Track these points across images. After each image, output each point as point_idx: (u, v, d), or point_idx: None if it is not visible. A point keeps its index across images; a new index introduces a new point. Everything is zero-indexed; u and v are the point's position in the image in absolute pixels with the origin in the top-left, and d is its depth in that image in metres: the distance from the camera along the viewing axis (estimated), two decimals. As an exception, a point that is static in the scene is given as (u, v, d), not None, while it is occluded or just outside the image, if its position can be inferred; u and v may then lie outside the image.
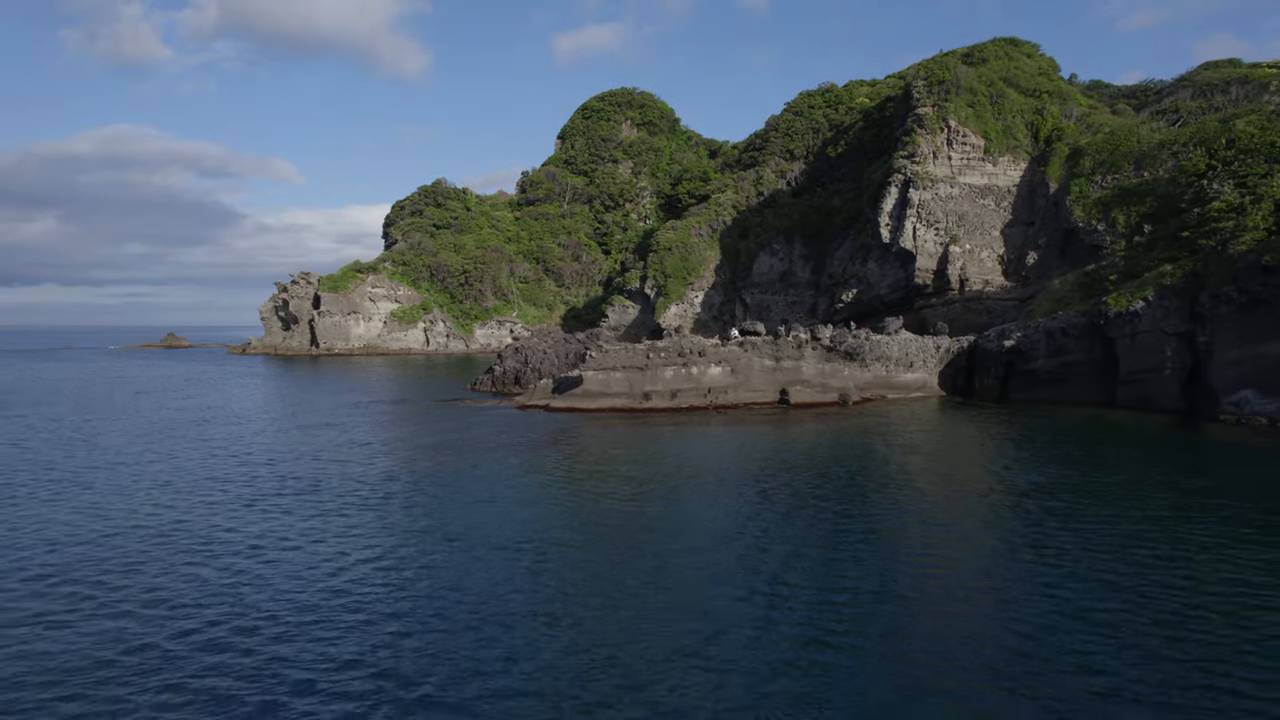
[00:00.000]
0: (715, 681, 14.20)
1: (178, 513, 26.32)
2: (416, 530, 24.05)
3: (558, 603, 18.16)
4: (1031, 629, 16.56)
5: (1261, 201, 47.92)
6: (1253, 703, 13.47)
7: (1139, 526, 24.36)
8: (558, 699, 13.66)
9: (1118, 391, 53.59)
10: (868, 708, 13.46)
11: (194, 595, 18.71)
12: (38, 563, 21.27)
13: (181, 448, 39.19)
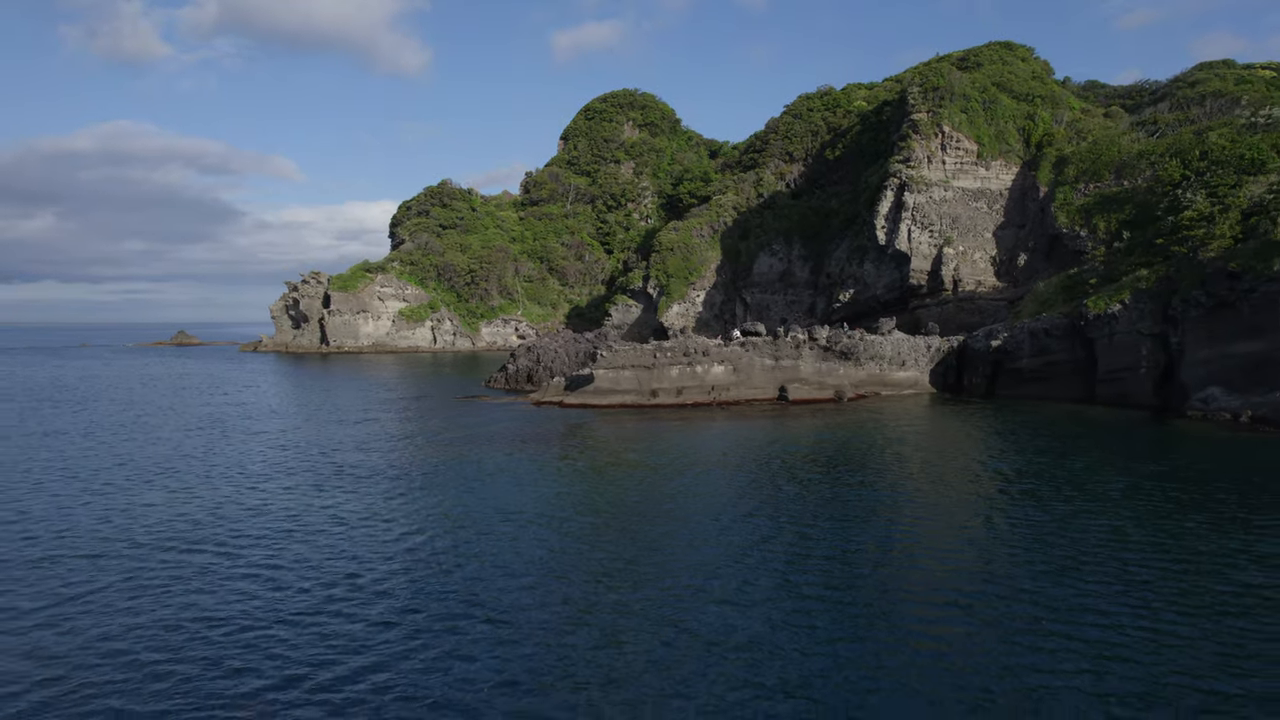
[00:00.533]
0: (738, 615, 17.55)
1: (259, 495, 29.68)
2: (470, 508, 27.45)
3: (605, 562, 21.53)
4: (997, 576, 19.95)
5: (1229, 211, 51.32)
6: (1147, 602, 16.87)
7: (1091, 503, 27.81)
8: (616, 623, 17.01)
9: (1097, 389, 57.03)
10: (866, 648, 16.82)
11: (316, 559, 22.07)
12: (168, 536, 24.61)
13: (239, 440, 42.55)
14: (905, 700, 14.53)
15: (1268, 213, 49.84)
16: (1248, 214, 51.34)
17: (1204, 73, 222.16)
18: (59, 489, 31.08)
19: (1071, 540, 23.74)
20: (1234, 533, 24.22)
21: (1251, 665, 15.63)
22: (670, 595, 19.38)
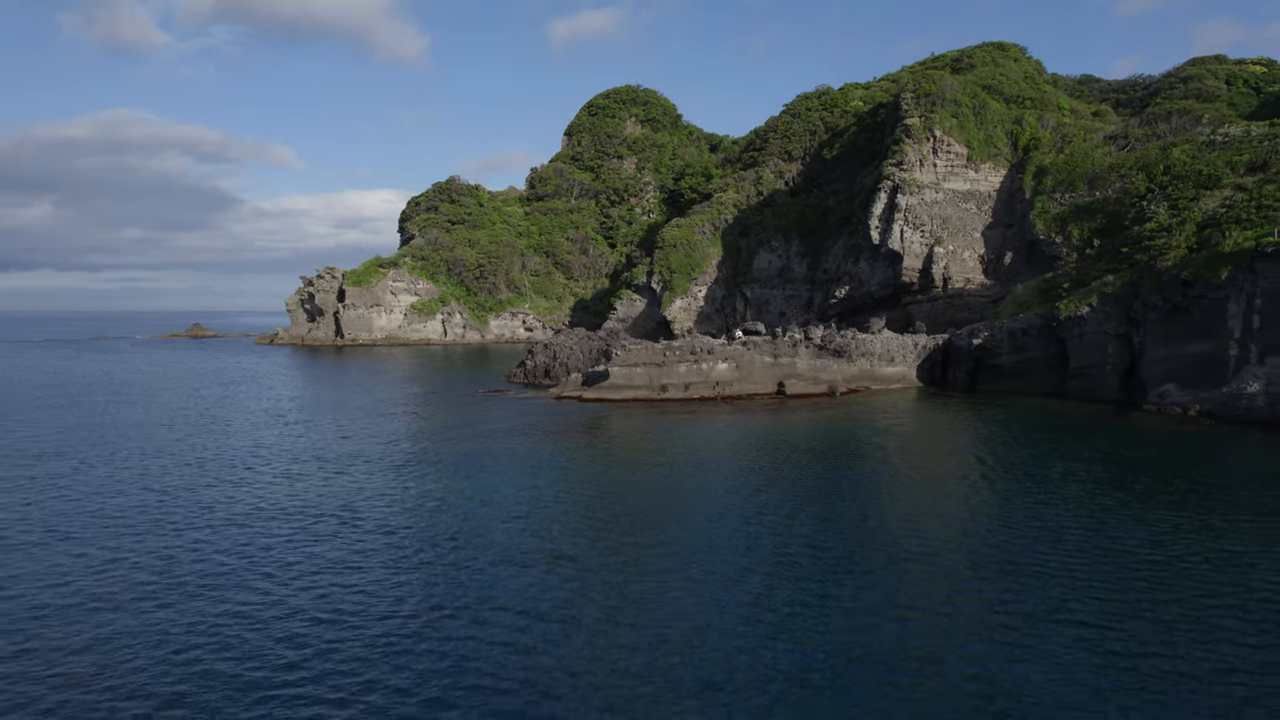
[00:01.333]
0: (746, 561, 22.92)
1: (351, 480, 34.99)
2: (525, 488, 32.89)
3: (640, 528, 26.95)
4: (947, 536, 25.36)
5: (1185, 224, 56.62)
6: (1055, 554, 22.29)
7: (1034, 485, 33.30)
8: (660, 567, 22.39)
9: (1068, 384, 62.48)
10: (842, 585, 22.22)
11: (418, 531, 27.43)
12: (321, 514, 29.94)
13: (308, 432, 47.80)
14: (866, 617, 19.93)
15: (1219, 225, 55.15)
16: (1202, 226, 56.65)
17: (1196, 68, 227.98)
18: (195, 478, 36.37)
19: (1012, 510, 29.19)
20: (1134, 509, 29.66)
21: (1101, 590, 21.07)
22: (694, 550, 24.77)
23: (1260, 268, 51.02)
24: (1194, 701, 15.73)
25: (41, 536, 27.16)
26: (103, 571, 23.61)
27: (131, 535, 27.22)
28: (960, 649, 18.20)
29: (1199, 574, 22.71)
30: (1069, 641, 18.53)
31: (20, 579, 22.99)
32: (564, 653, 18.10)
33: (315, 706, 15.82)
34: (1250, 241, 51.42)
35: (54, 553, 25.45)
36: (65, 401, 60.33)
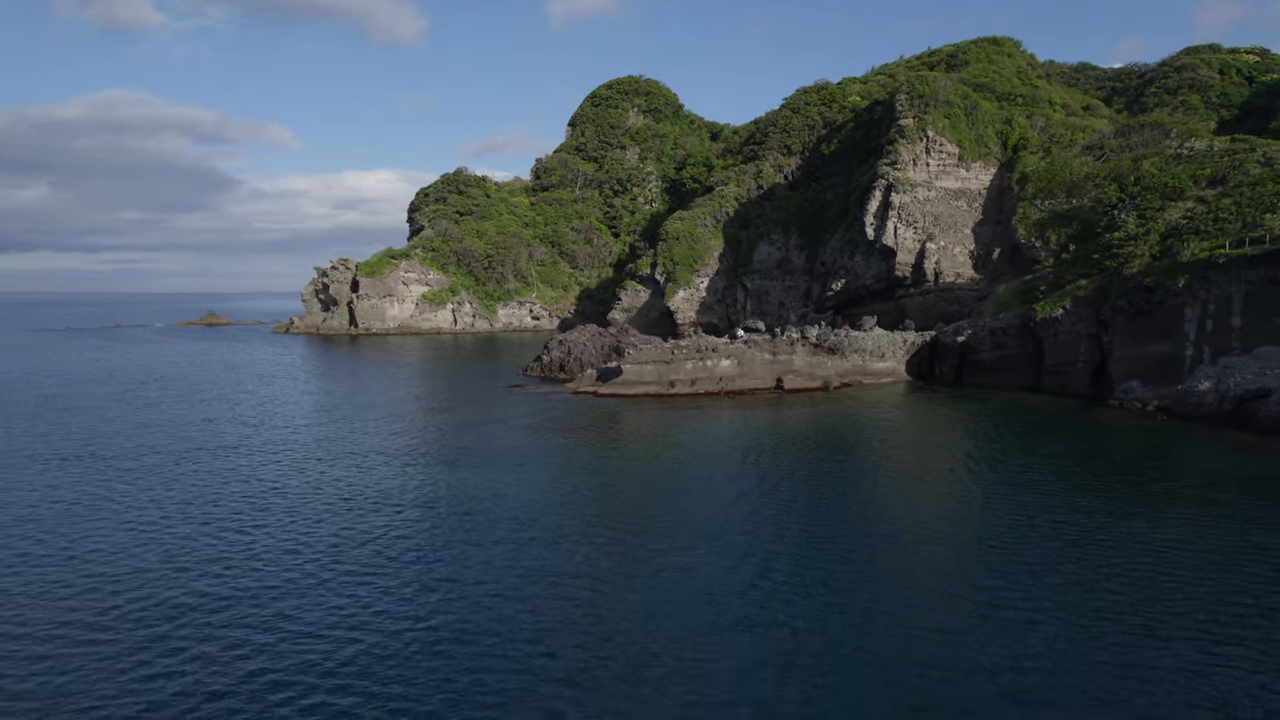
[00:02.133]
0: (747, 538, 28.33)
1: (417, 472, 40.42)
2: (569, 475, 38.41)
3: (658, 511, 32.43)
4: (915, 515, 30.85)
5: (1150, 235, 61.85)
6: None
7: (992, 473, 38.81)
8: (693, 537, 27.85)
9: (1043, 379, 67.93)
10: (826, 553, 27.68)
11: (499, 515, 32.88)
12: (400, 501, 35.37)
13: (357, 426, 53.06)
14: (842, 581, 25.39)
15: (1180, 235, 60.38)
16: (1165, 235, 61.87)
17: (1190, 57, 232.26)
18: (275, 470, 41.85)
19: (977, 492, 34.71)
20: (1081, 495, 35.17)
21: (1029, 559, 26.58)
22: (707, 526, 30.28)
23: (1213, 276, 56.34)
24: (1113, 648, 21.21)
25: (250, 516, 32.59)
26: (295, 553, 29.06)
27: (313, 519, 32.65)
28: (915, 605, 23.69)
29: (1121, 551, 28.20)
30: (1014, 599, 24.07)
31: (248, 547, 28.41)
32: (636, 598, 23.56)
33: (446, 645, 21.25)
34: (1205, 252, 56.67)
35: (286, 530, 30.91)
36: (139, 400, 65.30)
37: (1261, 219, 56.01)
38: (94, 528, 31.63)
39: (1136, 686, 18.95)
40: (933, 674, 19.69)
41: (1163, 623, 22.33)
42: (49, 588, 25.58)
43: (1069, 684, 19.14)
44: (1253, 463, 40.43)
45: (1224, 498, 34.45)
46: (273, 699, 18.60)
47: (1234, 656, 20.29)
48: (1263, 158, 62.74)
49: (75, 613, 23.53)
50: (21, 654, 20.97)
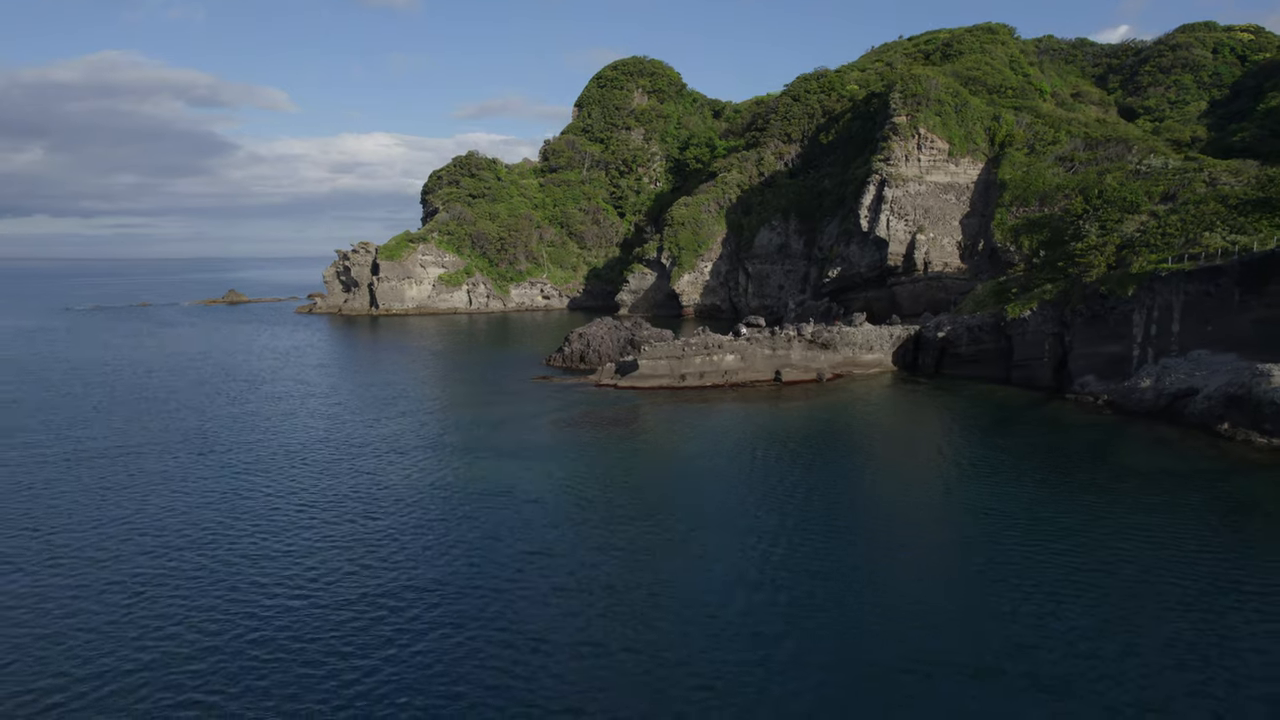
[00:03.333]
0: (755, 509, 36.86)
1: (490, 464, 48.90)
2: (612, 467, 46.88)
3: (678, 491, 40.97)
4: (877, 489, 39.38)
5: (1107, 246, 69.77)
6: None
7: (943, 459, 47.38)
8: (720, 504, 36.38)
9: (1013, 373, 76.26)
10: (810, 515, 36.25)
11: (567, 502, 41.36)
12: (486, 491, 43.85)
13: (422, 422, 60.88)
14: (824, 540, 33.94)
15: (1133, 247, 68.33)
16: (1121, 247, 69.80)
17: (1185, 35, 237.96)
18: (384, 464, 50.32)
19: (934, 481, 43.33)
20: (1015, 485, 43.72)
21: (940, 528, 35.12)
22: (725, 506, 38.84)
23: (1157, 287, 64.44)
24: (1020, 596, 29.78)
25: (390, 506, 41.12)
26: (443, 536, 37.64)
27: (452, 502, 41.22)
28: (884, 562, 32.30)
29: (1032, 532, 36.81)
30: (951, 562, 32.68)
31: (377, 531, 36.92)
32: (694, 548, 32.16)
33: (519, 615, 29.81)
34: (1152, 265, 64.70)
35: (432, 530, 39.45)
36: (222, 394, 72.85)
37: (1201, 236, 63.91)
38: (256, 513, 40.20)
39: (1009, 618, 27.61)
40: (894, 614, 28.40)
41: (1046, 588, 30.98)
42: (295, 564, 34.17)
43: (950, 611, 27.83)
44: (1163, 458, 48.98)
45: (1126, 487, 43.11)
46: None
47: (1095, 602, 28.96)
48: (1208, 178, 70.35)
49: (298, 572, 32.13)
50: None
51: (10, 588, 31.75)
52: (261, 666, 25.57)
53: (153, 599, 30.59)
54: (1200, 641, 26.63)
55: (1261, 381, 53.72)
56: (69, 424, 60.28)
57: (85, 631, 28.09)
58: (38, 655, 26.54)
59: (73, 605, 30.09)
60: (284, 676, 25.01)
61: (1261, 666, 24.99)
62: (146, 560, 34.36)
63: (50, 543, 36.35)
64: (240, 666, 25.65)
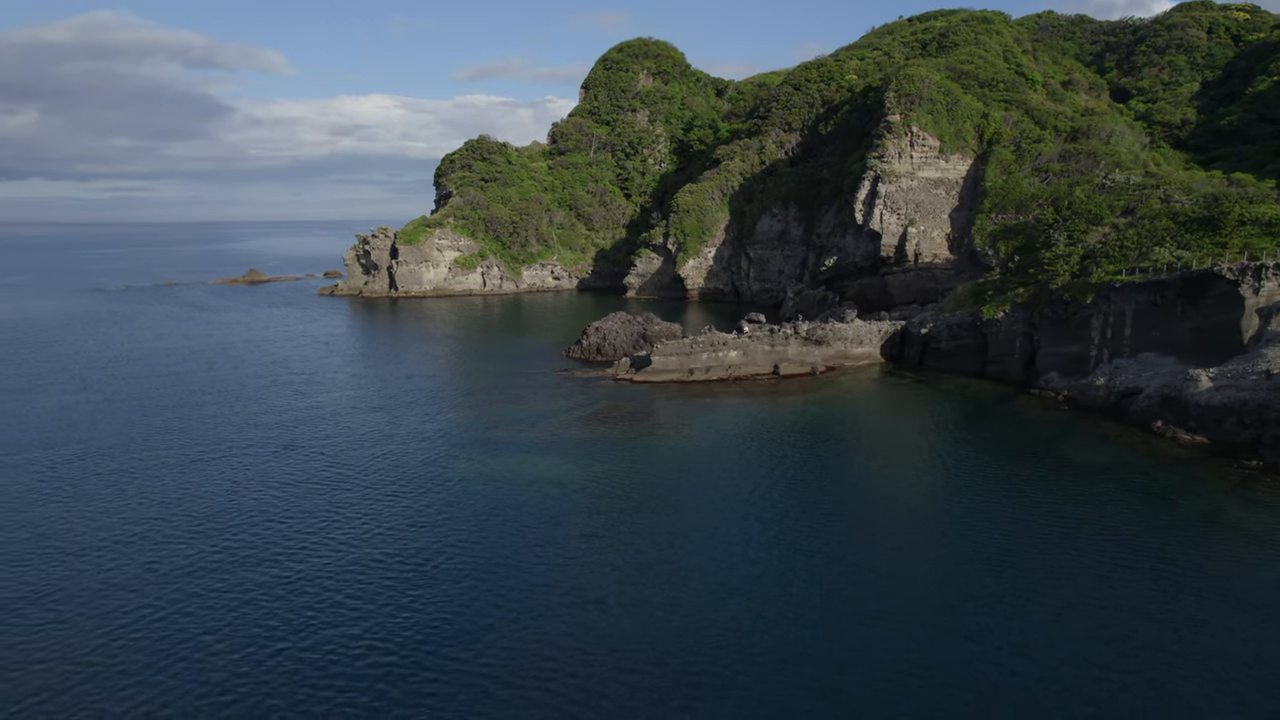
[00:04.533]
0: (759, 482, 45.74)
1: (544, 459, 57.76)
2: (637, 456, 55.73)
3: (695, 473, 49.84)
4: (852, 468, 48.26)
5: (1072, 256, 77.91)
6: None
7: (916, 451, 56.23)
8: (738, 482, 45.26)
9: (987, 367, 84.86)
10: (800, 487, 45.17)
11: (615, 491, 50.21)
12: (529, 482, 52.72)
13: (466, 416, 69.83)
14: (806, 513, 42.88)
15: (1094, 258, 76.50)
16: (1084, 257, 77.95)
17: (1182, 15, 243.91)
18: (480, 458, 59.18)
19: (903, 471, 52.21)
20: (973, 476, 52.55)
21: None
22: (726, 490, 47.70)
23: (1112, 296, 72.78)
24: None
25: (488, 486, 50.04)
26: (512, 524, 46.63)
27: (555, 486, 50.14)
28: (857, 533, 41.23)
29: (979, 521, 45.73)
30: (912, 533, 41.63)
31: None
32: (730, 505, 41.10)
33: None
34: (1109, 276, 72.95)
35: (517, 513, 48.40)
36: (284, 387, 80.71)
37: (1152, 251, 72.07)
38: (353, 505, 49.16)
39: (938, 584, 36.56)
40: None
41: (982, 562, 39.97)
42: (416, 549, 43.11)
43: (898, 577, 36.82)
44: (1100, 453, 57.82)
45: (1063, 480, 52.05)
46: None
47: (1016, 578, 37.94)
48: (1164, 195, 78.21)
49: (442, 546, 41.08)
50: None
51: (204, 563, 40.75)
52: (422, 606, 34.57)
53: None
54: (1088, 600, 35.63)
55: (1190, 385, 62.43)
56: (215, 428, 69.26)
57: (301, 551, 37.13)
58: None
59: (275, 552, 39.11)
60: (454, 627, 34.03)
61: (1142, 617, 33.95)
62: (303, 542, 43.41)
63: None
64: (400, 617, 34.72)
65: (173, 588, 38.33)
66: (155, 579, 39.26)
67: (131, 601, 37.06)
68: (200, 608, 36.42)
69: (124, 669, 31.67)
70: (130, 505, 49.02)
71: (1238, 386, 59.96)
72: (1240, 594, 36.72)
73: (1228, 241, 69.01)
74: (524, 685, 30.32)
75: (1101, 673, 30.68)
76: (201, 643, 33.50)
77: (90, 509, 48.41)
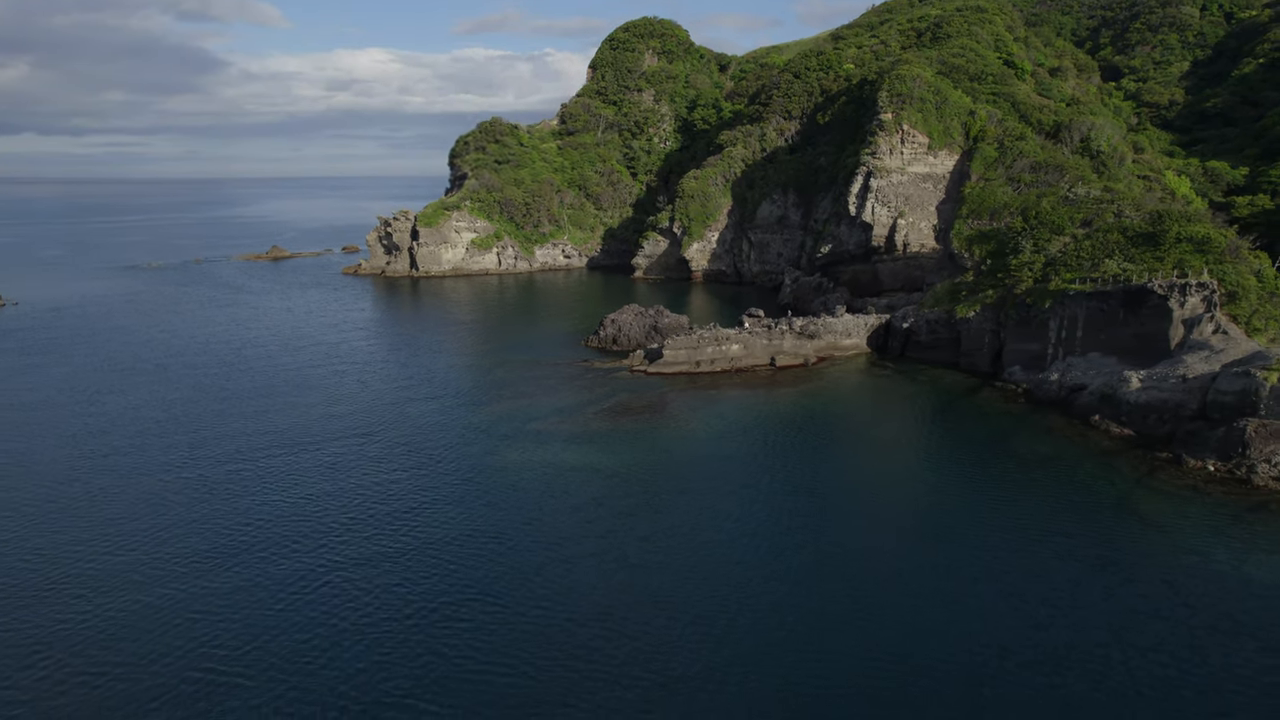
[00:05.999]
0: (756, 464, 57.24)
1: (599, 451, 69.16)
2: (658, 443, 67.20)
3: (705, 459, 61.36)
4: (834, 445, 59.80)
5: (1035, 264, 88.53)
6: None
7: (888, 438, 67.73)
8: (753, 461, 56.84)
9: (960, 359, 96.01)
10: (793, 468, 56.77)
11: (630, 483, 61.74)
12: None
13: (513, 409, 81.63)
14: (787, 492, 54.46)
15: (1054, 266, 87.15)
16: (1046, 264, 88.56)
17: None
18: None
19: (876, 456, 63.72)
20: (930, 462, 64.01)
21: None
22: (731, 474, 59.22)
23: (1067, 301, 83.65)
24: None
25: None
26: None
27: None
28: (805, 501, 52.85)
29: (929, 504, 57.31)
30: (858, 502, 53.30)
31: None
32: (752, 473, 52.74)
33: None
34: (1065, 284, 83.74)
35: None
36: (351, 380, 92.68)
37: (1103, 262, 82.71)
38: (429, 487, 60.69)
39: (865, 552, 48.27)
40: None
41: (929, 537, 51.59)
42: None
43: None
44: (1042, 444, 69.26)
45: (1005, 467, 63.66)
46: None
47: (951, 553, 49.58)
48: (1117, 210, 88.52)
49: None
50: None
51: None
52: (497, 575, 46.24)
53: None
54: (1001, 567, 47.30)
55: (1123, 385, 73.76)
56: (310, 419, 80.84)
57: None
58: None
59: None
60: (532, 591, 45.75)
61: (1037, 579, 45.61)
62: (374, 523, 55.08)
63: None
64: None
65: (351, 546, 50.03)
66: (338, 544, 51.01)
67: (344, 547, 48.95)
68: (378, 556, 48.18)
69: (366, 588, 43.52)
70: (263, 493, 60.59)
71: (1160, 388, 71.32)
72: (1113, 560, 48.62)
73: (1166, 256, 79.67)
74: (592, 625, 42.24)
75: (998, 619, 42.49)
76: (391, 579, 45.30)
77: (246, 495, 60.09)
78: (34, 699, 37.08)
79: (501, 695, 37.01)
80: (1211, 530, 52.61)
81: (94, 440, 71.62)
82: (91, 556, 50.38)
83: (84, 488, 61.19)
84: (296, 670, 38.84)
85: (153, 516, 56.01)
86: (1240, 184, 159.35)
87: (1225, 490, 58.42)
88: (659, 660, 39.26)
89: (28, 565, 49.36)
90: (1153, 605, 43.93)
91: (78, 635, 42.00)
